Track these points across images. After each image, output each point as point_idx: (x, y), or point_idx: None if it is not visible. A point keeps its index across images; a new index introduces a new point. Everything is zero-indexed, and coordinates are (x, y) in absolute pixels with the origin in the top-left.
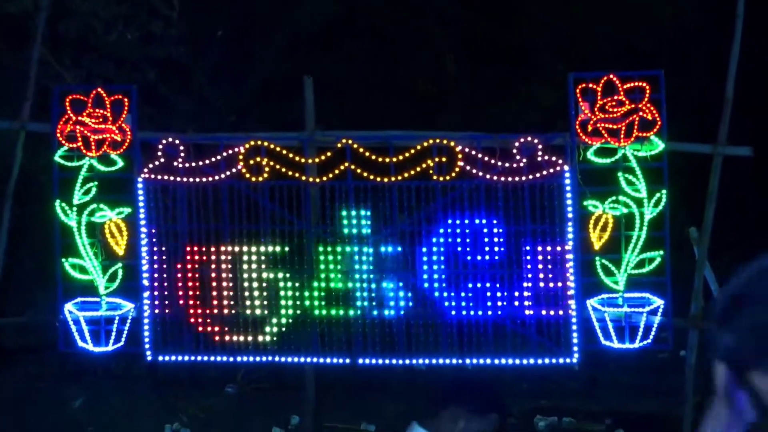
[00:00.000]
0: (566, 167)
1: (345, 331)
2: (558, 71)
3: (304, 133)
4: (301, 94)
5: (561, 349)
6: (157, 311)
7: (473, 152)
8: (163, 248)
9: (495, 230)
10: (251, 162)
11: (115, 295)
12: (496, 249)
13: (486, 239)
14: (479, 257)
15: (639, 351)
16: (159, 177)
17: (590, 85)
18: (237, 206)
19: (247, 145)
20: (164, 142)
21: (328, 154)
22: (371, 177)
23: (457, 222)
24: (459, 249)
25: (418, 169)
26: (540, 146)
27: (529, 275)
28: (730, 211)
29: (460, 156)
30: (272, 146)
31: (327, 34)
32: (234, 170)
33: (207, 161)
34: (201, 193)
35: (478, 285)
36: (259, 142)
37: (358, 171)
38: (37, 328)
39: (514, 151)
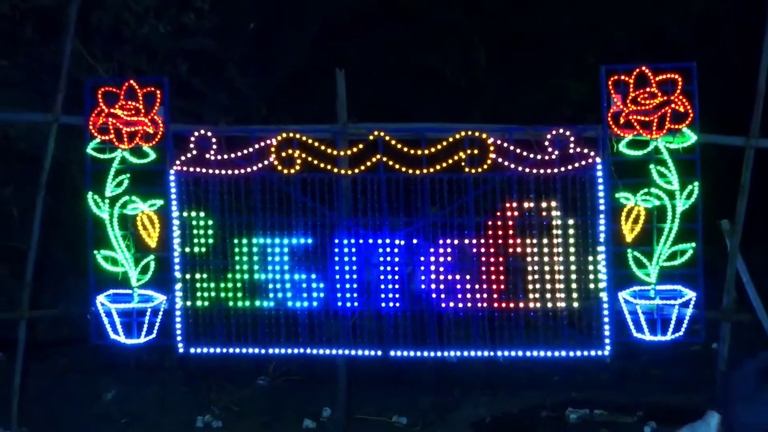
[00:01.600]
0: (598, 159)
1: (377, 323)
2: (589, 63)
3: (336, 125)
4: (332, 85)
5: (592, 342)
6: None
7: (505, 144)
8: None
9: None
10: (283, 154)
11: (147, 287)
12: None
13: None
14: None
15: (671, 343)
16: (191, 169)
17: (622, 78)
18: (269, 198)
19: (279, 137)
20: (196, 134)
21: (360, 146)
22: (403, 169)
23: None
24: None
25: (450, 161)
26: (572, 138)
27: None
28: (762, 203)
29: (492, 148)
30: (304, 138)
31: (358, 25)
32: (266, 162)
33: (239, 153)
34: (233, 186)
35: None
36: (291, 134)
37: (390, 163)
38: (70, 320)
39: (546, 143)
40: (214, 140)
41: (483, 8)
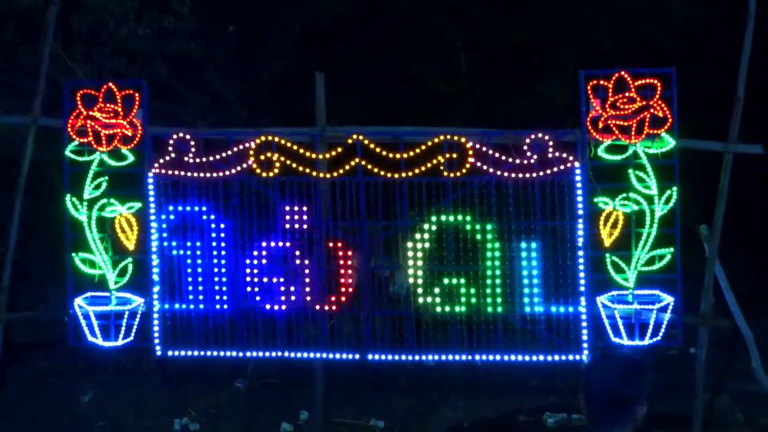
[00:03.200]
0: (577, 164)
1: (354, 326)
2: (570, 68)
3: (314, 128)
4: (312, 89)
5: (570, 346)
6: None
7: (484, 148)
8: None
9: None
10: (262, 157)
11: (125, 289)
12: None
13: None
14: None
15: (649, 348)
16: (169, 172)
17: (601, 83)
18: (247, 201)
19: (257, 141)
20: (175, 137)
21: (339, 149)
22: (381, 173)
23: None
24: None
25: (429, 165)
26: (551, 143)
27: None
28: (740, 208)
29: (470, 152)
30: (283, 141)
31: (339, 29)
32: (244, 165)
33: (218, 156)
34: (211, 188)
35: None
36: (270, 138)
37: (369, 167)
38: (48, 323)
39: (525, 147)
40: (192, 143)
41: (465, 14)
